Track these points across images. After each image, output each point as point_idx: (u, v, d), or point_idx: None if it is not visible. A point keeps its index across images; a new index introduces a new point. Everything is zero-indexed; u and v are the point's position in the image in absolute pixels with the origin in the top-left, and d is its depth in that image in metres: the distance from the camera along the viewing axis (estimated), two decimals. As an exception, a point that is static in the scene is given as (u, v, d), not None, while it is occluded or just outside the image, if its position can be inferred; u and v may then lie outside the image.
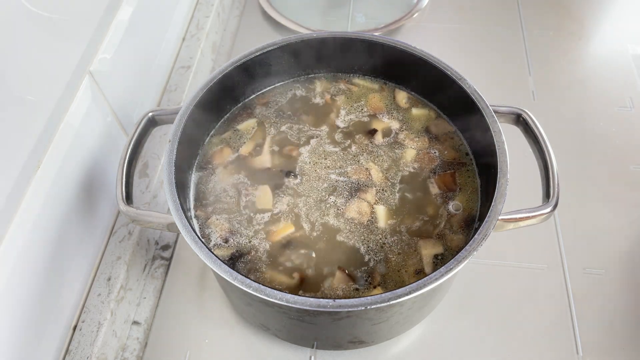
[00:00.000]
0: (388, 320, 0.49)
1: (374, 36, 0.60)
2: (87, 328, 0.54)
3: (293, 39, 0.60)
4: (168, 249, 0.66)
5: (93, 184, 0.57)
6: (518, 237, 0.63)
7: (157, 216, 0.50)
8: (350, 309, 0.41)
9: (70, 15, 0.50)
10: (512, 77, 0.85)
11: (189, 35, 0.82)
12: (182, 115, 0.53)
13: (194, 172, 0.57)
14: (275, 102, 0.63)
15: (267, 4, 0.93)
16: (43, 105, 0.47)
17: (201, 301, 0.62)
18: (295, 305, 0.42)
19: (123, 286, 0.58)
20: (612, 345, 0.59)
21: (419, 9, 0.92)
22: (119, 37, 0.60)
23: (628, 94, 0.82)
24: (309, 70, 0.65)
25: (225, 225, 0.53)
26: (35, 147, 0.46)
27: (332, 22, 0.93)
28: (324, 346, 0.56)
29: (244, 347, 0.59)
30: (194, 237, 0.45)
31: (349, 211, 0.53)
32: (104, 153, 0.59)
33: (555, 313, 0.61)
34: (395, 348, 0.59)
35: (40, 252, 0.49)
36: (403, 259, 0.50)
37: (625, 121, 0.78)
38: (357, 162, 0.57)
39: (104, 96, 0.58)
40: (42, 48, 0.47)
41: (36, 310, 0.48)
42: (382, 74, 0.64)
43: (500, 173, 0.48)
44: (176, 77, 0.76)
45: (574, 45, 0.90)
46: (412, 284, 0.42)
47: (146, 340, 0.60)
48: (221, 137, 0.60)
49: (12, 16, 0.42)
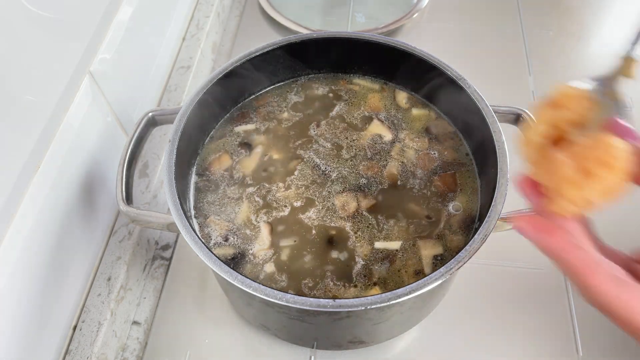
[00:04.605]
0: (388, 320, 0.49)
1: (374, 36, 0.60)
2: (87, 328, 0.54)
3: (293, 39, 0.60)
4: (168, 249, 0.66)
5: (93, 184, 0.57)
6: (518, 237, 0.63)
7: (157, 216, 0.50)
8: (350, 309, 0.41)
9: (70, 15, 0.50)
10: (512, 77, 0.85)
11: (189, 35, 0.82)
12: (182, 115, 0.53)
13: (194, 172, 0.57)
14: (275, 102, 0.63)
15: (267, 4, 0.93)
16: (43, 105, 0.47)
17: (201, 301, 0.62)
18: (295, 305, 0.42)
19: (123, 286, 0.58)
20: (613, 345, 0.59)
21: (419, 9, 0.92)
22: (119, 37, 0.60)
23: (628, 94, 0.82)
24: (309, 71, 0.65)
25: (225, 224, 0.53)
26: (35, 147, 0.46)
27: (332, 22, 0.93)
28: (324, 346, 0.57)
29: (244, 347, 0.59)
30: (194, 237, 0.45)
31: (347, 210, 0.53)
32: (104, 153, 0.59)
33: (556, 313, 0.61)
34: (396, 348, 0.59)
35: (40, 252, 0.49)
36: (403, 259, 0.50)
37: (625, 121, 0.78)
38: (357, 163, 0.57)
39: (104, 96, 0.58)
40: (42, 48, 0.47)
41: (36, 310, 0.48)
42: (382, 74, 0.64)
43: (500, 173, 0.48)
44: (176, 77, 0.76)
45: (574, 45, 0.90)
46: (412, 284, 0.42)
47: (146, 340, 0.60)
48: (221, 137, 0.60)
49: (11, 16, 0.42)
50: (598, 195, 0.28)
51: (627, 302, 0.27)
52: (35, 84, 0.46)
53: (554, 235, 0.29)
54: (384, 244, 0.51)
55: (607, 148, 0.28)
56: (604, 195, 0.29)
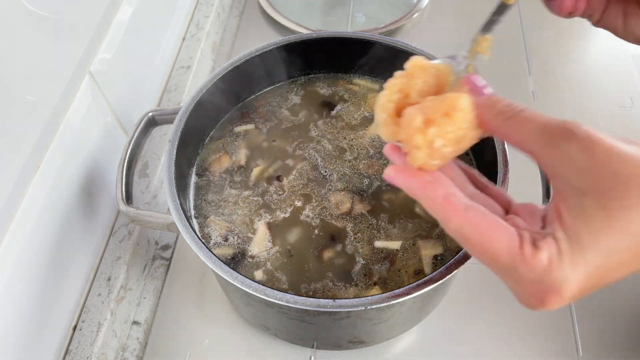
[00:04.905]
0: (388, 320, 0.49)
1: (374, 36, 0.60)
2: (87, 328, 0.54)
3: (293, 39, 0.60)
4: (168, 249, 0.66)
5: (93, 184, 0.57)
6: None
7: (157, 216, 0.50)
8: (350, 309, 0.41)
9: (70, 15, 0.50)
10: (512, 77, 0.85)
11: (189, 35, 0.82)
12: (182, 115, 0.53)
13: (194, 172, 0.57)
14: (275, 102, 0.63)
15: (267, 4, 0.93)
16: (43, 105, 0.47)
17: (201, 301, 0.62)
18: (295, 306, 0.42)
19: (123, 286, 0.58)
20: (613, 346, 0.59)
21: (419, 9, 0.92)
22: (119, 37, 0.60)
23: (628, 93, 0.82)
24: (309, 71, 0.65)
25: (225, 224, 0.53)
26: (35, 147, 0.46)
27: (332, 22, 0.92)
28: (324, 346, 0.56)
29: (244, 347, 0.59)
30: (194, 237, 0.45)
31: (342, 209, 0.53)
32: (104, 153, 0.59)
33: (556, 313, 0.61)
34: (396, 348, 0.59)
35: (40, 252, 0.49)
36: (403, 259, 0.50)
37: (626, 121, 0.78)
38: (357, 162, 0.57)
39: (104, 96, 0.58)
40: (42, 48, 0.47)
41: (36, 310, 0.48)
42: (382, 74, 0.64)
43: (500, 173, 0.48)
44: (176, 77, 0.76)
45: (574, 45, 0.90)
46: (412, 284, 0.42)
47: (146, 340, 0.60)
48: (221, 137, 0.60)
49: (11, 16, 0.42)
50: (446, 143, 0.31)
51: (477, 224, 0.29)
52: (35, 84, 0.46)
53: (414, 176, 0.32)
54: (384, 243, 0.51)
55: (450, 100, 0.31)
56: (452, 144, 0.31)
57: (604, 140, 0.27)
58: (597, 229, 0.27)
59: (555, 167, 0.28)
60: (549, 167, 0.29)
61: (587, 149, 0.27)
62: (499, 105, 0.30)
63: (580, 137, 0.27)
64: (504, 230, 0.29)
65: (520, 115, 0.30)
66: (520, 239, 0.28)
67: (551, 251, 0.27)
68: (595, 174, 0.27)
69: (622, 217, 0.26)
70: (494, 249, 0.29)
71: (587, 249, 0.27)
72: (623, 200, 0.26)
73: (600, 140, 0.27)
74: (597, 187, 0.27)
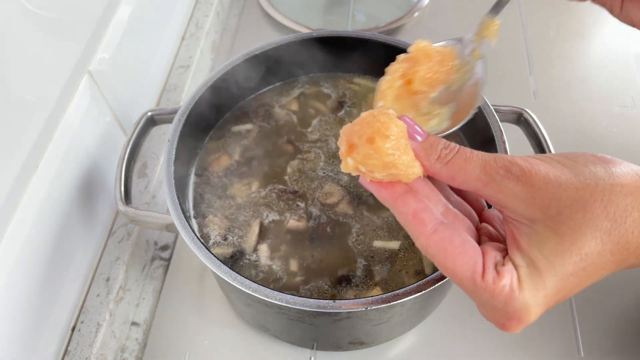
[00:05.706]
0: (388, 321, 0.49)
1: (375, 35, 0.60)
2: (85, 329, 0.54)
3: (293, 38, 0.60)
4: (167, 250, 0.66)
5: (92, 184, 0.57)
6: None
7: (156, 216, 0.50)
8: (351, 309, 0.41)
9: (69, 15, 0.50)
10: (513, 76, 0.85)
11: (188, 35, 0.82)
12: (182, 115, 0.53)
13: (193, 172, 0.57)
14: (275, 102, 0.63)
15: (266, 3, 0.93)
16: (42, 105, 0.47)
17: (201, 302, 0.62)
18: (295, 306, 0.41)
19: (122, 287, 0.57)
20: (614, 346, 0.59)
21: (420, 7, 0.92)
22: (118, 37, 0.60)
23: (629, 93, 0.81)
24: (309, 70, 0.65)
25: (224, 224, 0.53)
26: (33, 147, 0.46)
27: (332, 21, 0.92)
28: (324, 347, 0.56)
29: (243, 348, 0.59)
30: (193, 238, 0.45)
31: (346, 209, 0.53)
32: (103, 153, 0.59)
33: (557, 313, 0.61)
34: (396, 349, 0.58)
35: (39, 252, 0.48)
36: (403, 260, 0.50)
37: (627, 121, 0.78)
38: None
39: (103, 96, 0.58)
40: (41, 47, 0.46)
41: (35, 310, 0.48)
42: (382, 73, 0.64)
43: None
44: (175, 76, 0.76)
45: (574, 45, 0.90)
46: (413, 285, 0.42)
47: (145, 341, 0.59)
48: (220, 137, 0.60)
49: (10, 15, 0.42)
50: (371, 169, 0.30)
51: (443, 247, 0.29)
52: (34, 84, 0.46)
53: (385, 187, 0.32)
54: (384, 243, 0.51)
55: (376, 126, 0.30)
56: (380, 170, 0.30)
57: (538, 171, 0.28)
58: (553, 253, 0.27)
59: (501, 200, 0.29)
60: (495, 202, 0.30)
61: (525, 183, 0.28)
62: (435, 151, 0.31)
63: (516, 174, 0.28)
64: (469, 255, 0.29)
65: (458, 158, 0.30)
66: (483, 265, 0.29)
67: (512, 279, 0.28)
68: (539, 203, 0.28)
69: (575, 240, 0.27)
70: (458, 273, 0.29)
71: (545, 275, 0.28)
72: (571, 223, 0.27)
73: (535, 172, 0.28)
74: (545, 213, 0.28)
